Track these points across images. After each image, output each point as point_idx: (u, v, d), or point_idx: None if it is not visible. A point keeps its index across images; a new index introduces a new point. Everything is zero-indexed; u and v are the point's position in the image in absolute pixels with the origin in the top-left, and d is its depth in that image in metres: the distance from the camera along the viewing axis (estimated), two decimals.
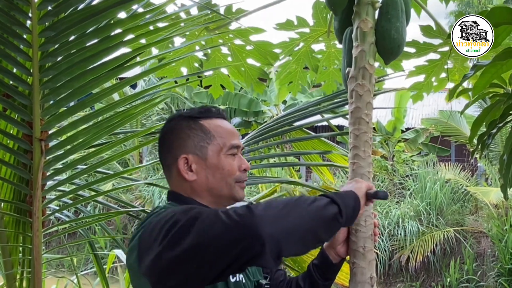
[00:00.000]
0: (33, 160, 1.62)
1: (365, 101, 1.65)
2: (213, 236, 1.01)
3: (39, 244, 1.66)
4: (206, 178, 1.27)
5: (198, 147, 1.28)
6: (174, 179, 1.30)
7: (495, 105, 1.91)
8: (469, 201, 10.62)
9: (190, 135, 1.29)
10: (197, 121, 1.31)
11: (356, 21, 1.69)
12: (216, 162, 1.28)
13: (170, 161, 1.30)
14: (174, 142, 1.30)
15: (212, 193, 1.29)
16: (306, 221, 1.09)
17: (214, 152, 1.28)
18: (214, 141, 1.29)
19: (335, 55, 2.48)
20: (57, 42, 1.57)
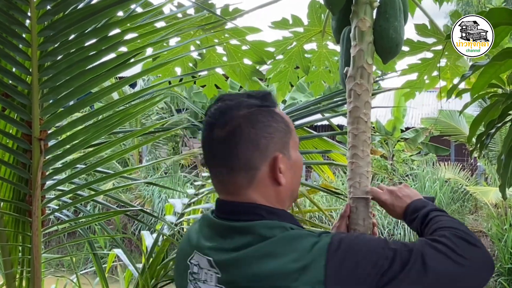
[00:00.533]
0: (33, 160, 1.62)
1: (363, 101, 1.65)
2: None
3: (38, 243, 1.66)
4: (291, 179, 1.09)
5: (283, 143, 1.07)
6: (258, 183, 1.05)
7: (494, 105, 1.92)
8: (468, 201, 10.63)
9: (277, 129, 1.06)
10: (275, 111, 1.09)
11: (354, 20, 1.69)
12: (296, 160, 1.11)
13: (256, 160, 1.04)
14: (262, 137, 1.04)
15: (292, 196, 1.12)
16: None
17: (293, 148, 1.10)
18: (292, 136, 1.11)
19: (326, 56, 2.48)
20: (56, 42, 1.57)
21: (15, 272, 1.79)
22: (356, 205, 1.58)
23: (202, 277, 1.07)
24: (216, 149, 1.07)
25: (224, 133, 1.05)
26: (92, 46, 1.58)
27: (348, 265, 0.95)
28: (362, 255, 0.97)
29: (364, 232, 1.57)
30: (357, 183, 1.62)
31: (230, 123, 1.05)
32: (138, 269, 2.10)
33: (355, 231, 1.56)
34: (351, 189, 1.62)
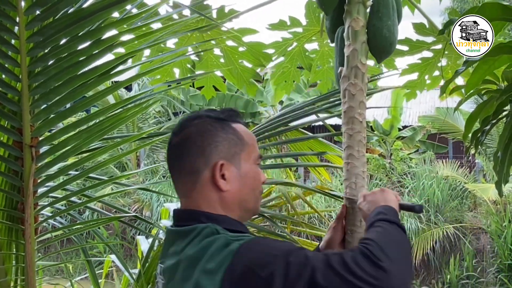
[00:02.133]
0: (24, 167, 1.60)
1: (358, 100, 1.64)
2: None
3: (32, 251, 1.64)
4: (239, 188, 1.14)
5: (232, 153, 1.14)
6: (201, 187, 1.12)
7: (489, 102, 1.91)
8: (467, 198, 10.64)
9: (226, 139, 1.14)
10: (229, 124, 1.17)
11: (347, 20, 1.68)
12: (248, 171, 1.16)
13: (199, 166, 1.12)
14: (208, 145, 1.12)
15: (241, 206, 1.15)
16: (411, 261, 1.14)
17: (245, 160, 1.16)
18: (246, 148, 1.16)
19: (329, 53, 2.48)
20: (45, 47, 1.56)
21: (9, 281, 1.77)
22: (353, 206, 1.56)
23: (159, 285, 1.16)
24: (171, 155, 1.18)
25: (178, 140, 1.17)
26: (83, 51, 1.57)
27: (242, 274, 0.97)
28: (257, 267, 0.97)
29: (361, 232, 1.55)
30: (353, 183, 1.61)
31: (184, 132, 1.16)
32: (135, 274, 2.08)
33: (353, 232, 1.54)
34: (347, 190, 1.61)
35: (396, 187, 11.42)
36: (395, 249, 1.05)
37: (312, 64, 2.52)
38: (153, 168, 11.82)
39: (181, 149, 1.15)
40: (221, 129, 1.15)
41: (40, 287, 2.15)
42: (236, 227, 1.11)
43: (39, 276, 2.21)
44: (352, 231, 1.55)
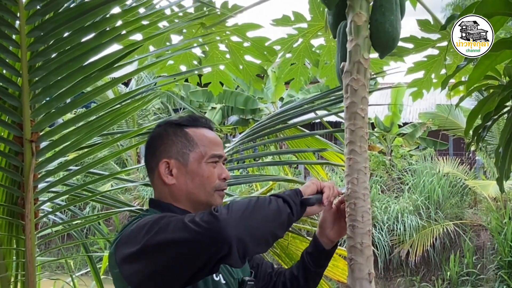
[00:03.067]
0: (24, 162, 1.60)
1: (360, 96, 1.63)
2: (184, 243, 1.11)
3: (32, 246, 1.64)
4: (185, 183, 1.33)
5: (181, 153, 1.34)
6: (155, 182, 1.37)
7: (490, 97, 1.90)
8: (467, 195, 10.64)
9: (174, 141, 1.35)
10: (183, 128, 1.37)
11: (350, 15, 1.67)
12: (196, 169, 1.34)
13: (153, 164, 1.36)
14: (159, 147, 1.36)
15: (190, 198, 1.34)
16: (266, 223, 1.20)
17: (195, 159, 1.34)
18: (196, 149, 1.35)
19: (335, 49, 2.45)
20: (46, 42, 1.55)
21: (9, 276, 1.77)
22: (355, 201, 1.56)
23: None
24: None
25: (146, 142, 1.43)
26: (84, 45, 1.56)
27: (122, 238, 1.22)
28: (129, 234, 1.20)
29: (363, 228, 1.54)
30: (355, 179, 1.60)
31: (149, 136, 1.43)
32: None
33: (354, 227, 1.54)
34: (349, 185, 1.60)
35: (397, 184, 11.42)
36: (244, 211, 1.16)
37: (319, 60, 2.51)
38: None
39: (145, 150, 1.41)
40: (172, 133, 1.36)
41: (40, 283, 2.15)
42: (175, 213, 1.27)
43: (39, 271, 2.21)
44: (354, 227, 1.54)
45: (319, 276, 1.59)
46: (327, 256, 1.57)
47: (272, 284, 1.55)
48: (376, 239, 9.59)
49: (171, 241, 1.11)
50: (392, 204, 10.35)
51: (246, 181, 2.47)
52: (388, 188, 11.38)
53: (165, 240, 1.12)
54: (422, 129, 13.04)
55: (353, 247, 1.54)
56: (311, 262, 1.53)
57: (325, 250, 1.54)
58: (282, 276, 1.55)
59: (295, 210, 1.28)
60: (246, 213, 1.15)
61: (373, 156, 11.87)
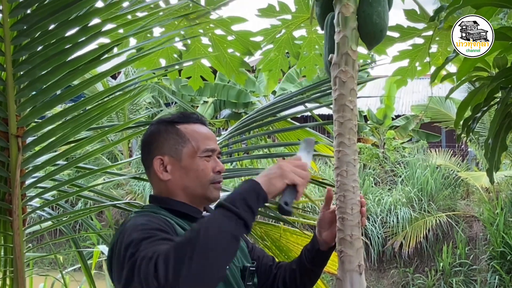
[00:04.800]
0: (10, 157, 1.58)
1: (348, 88, 1.63)
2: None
3: (20, 242, 1.62)
4: (180, 178, 1.35)
5: (173, 149, 1.36)
6: (152, 179, 1.40)
7: (480, 89, 1.90)
8: (460, 186, 10.69)
9: (166, 138, 1.37)
10: (174, 125, 1.39)
11: (337, 6, 1.66)
12: (190, 163, 1.36)
13: (148, 162, 1.38)
14: (152, 144, 1.39)
15: (186, 192, 1.36)
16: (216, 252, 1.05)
17: (188, 154, 1.36)
18: (188, 144, 1.37)
19: (316, 40, 2.45)
20: (30, 35, 1.53)
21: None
22: (344, 194, 1.55)
23: None
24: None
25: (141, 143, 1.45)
26: (68, 39, 1.54)
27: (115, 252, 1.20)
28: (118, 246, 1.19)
29: (353, 220, 1.54)
30: (344, 171, 1.59)
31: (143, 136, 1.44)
32: None
33: (344, 220, 1.54)
34: (338, 178, 1.60)
35: (390, 176, 11.46)
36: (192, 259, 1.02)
37: (300, 51, 2.50)
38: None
39: (141, 150, 1.44)
40: (164, 131, 1.39)
41: (30, 279, 2.14)
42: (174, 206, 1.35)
43: (30, 267, 2.20)
44: (343, 219, 1.54)
45: (315, 275, 1.56)
46: (322, 257, 1.54)
47: (273, 276, 1.54)
48: (369, 231, 9.63)
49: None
50: (385, 196, 10.39)
51: (237, 175, 2.45)
52: (381, 180, 11.42)
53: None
54: (415, 122, 13.08)
55: (343, 239, 1.54)
56: (307, 258, 1.53)
57: (320, 250, 1.52)
58: (283, 269, 1.55)
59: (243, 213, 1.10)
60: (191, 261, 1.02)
61: (366, 148, 11.90)
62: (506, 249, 8.68)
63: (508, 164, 10.51)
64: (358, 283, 1.55)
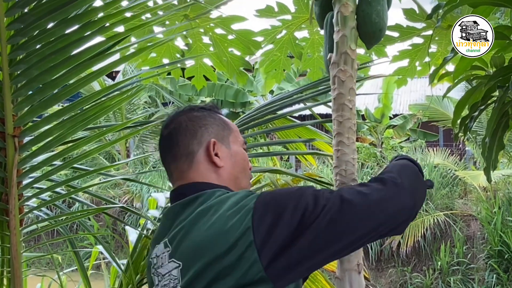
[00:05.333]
0: (7, 157, 1.57)
1: (347, 87, 1.62)
2: (377, 204, 1.08)
3: (17, 242, 1.61)
4: (232, 166, 1.23)
5: (222, 135, 1.25)
6: (197, 167, 1.19)
7: (477, 88, 1.90)
8: (458, 185, 10.71)
9: (214, 122, 1.25)
10: (214, 112, 1.29)
11: (336, 5, 1.66)
12: (238, 151, 1.26)
13: (194, 147, 1.20)
14: (199, 128, 1.22)
15: (236, 183, 1.23)
16: (424, 189, 1.25)
17: (233, 142, 1.27)
18: (233, 133, 1.28)
19: (319, 41, 2.45)
20: (27, 34, 1.51)
21: None
22: None
23: (159, 263, 1.14)
24: (164, 144, 1.26)
25: (169, 130, 1.25)
26: (66, 38, 1.53)
27: (270, 213, 1.03)
28: (283, 204, 1.05)
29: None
30: (343, 170, 1.59)
31: (173, 122, 1.25)
32: (123, 265, 2.06)
33: None
34: (337, 177, 1.59)
35: None
36: (409, 174, 1.21)
37: (302, 52, 2.49)
38: (143, 159, 11.76)
39: (174, 136, 1.23)
40: (208, 115, 1.26)
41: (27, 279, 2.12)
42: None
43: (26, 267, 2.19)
44: None
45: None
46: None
47: None
48: None
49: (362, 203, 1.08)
50: None
51: None
52: None
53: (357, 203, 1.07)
54: (413, 121, 13.10)
55: None
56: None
57: None
58: None
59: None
60: (417, 182, 1.21)
61: (364, 148, 11.92)
62: (503, 247, 8.70)
63: (505, 163, 10.53)
64: (357, 282, 1.55)
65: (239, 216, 1.02)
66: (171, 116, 1.29)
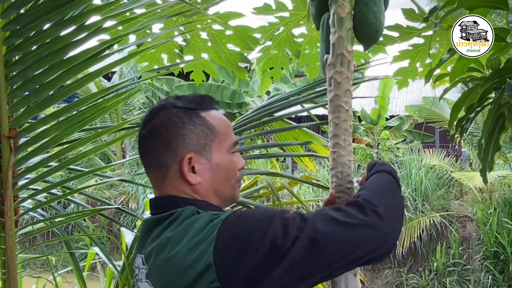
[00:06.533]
0: (2, 158, 1.56)
1: (344, 89, 1.62)
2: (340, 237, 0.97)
3: (12, 244, 1.61)
4: (211, 180, 1.13)
5: (202, 145, 1.11)
6: (171, 181, 1.12)
7: (474, 89, 1.91)
8: (454, 186, 10.74)
9: (194, 131, 1.11)
10: (198, 113, 1.13)
11: (333, 6, 1.65)
12: (221, 161, 1.14)
13: (167, 160, 1.11)
14: (174, 138, 1.10)
15: (217, 195, 1.15)
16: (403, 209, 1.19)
17: (218, 150, 1.14)
18: (218, 138, 1.14)
19: (317, 38, 2.44)
20: (23, 35, 1.51)
21: None
22: (339, 196, 1.55)
23: (139, 276, 1.11)
24: (140, 147, 1.17)
25: (145, 132, 1.15)
26: (62, 39, 1.52)
27: (233, 246, 0.96)
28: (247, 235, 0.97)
29: None
30: (339, 172, 1.59)
31: (150, 123, 1.14)
32: (119, 266, 2.05)
33: None
34: (334, 179, 1.59)
35: None
36: (390, 198, 1.11)
37: (300, 50, 2.49)
38: (138, 159, 11.69)
39: (149, 142, 1.14)
40: (188, 120, 1.12)
41: (22, 281, 2.12)
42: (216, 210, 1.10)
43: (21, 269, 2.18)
44: None
45: None
46: None
47: None
48: None
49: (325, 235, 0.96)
50: None
51: None
52: None
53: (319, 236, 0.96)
54: (409, 122, 13.13)
55: None
56: None
57: None
58: None
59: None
60: (399, 209, 1.11)
61: (361, 149, 11.93)
62: (499, 249, 8.72)
63: (501, 164, 10.56)
64: (352, 284, 1.55)
65: (200, 249, 0.97)
66: (151, 111, 1.17)
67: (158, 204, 1.14)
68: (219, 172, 1.14)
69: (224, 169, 1.14)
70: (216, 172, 1.13)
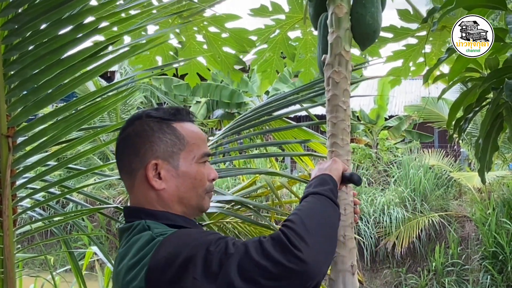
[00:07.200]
0: (1, 158, 1.56)
1: (342, 88, 1.63)
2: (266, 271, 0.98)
3: (10, 243, 1.61)
4: (176, 187, 1.17)
5: (170, 153, 1.16)
6: (138, 186, 1.17)
7: (472, 90, 1.91)
8: (452, 186, 10.74)
9: (162, 139, 1.16)
10: (169, 124, 1.19)
11: (330, 6, 1.66)
12: (188, 170, 1.18)
13: (135, 165, 1.17)
14: (143, 145, 1.16)
15: (182, 203, 1.18)
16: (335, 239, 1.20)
17: (186, 159, 1.18)
18: (187, 148, 1.19)
19: (312, 42, 2.45)
20: (21, 35, 1.51)
21: None
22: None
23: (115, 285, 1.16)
24: (116, 152, 1.23)
25: (120, 139, 1.22)
26: (60, 38, 1.53)
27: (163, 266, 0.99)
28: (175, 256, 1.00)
29: (346, 221, 1.55)
30: None
31: (125, 131, 1.21)
32: None
33: None
34: None
35: (383, 177, 11.49)
36: (318, 231, 1.08)
37: (295, 53, 2.49)
38: None
39: (122, 148, 1.21)
40: (158, 129, 1.17)
41: (20, 280, 2.12)
42: (176, 221, 1.15)
43: (20, 268, 2.18)
44: None
45: None
46: None
47: None
48: (363, 232, 9.65)
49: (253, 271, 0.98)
50: (378, 196, 10.42)
51: (229, 175, 2.45)
52: (374, 180, 11.45)
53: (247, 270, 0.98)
54: (408, 122, 13.14)
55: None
56: None
57: None
58: None
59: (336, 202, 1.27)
60: (323, 237, 1.08)
61: (360, 149, 11.93)
62: (498, 249, 8.73)
63: (500, 164, 10.57)
64: (350, 283, 1.56)
65: (135, 271, 1.02)
66: (128, 120, 1.23)
67: (125, 213, 1.21)
68: (186, 180, 1.18)
69: (191, 178, 1.18)
70: (182, 180, 1.17)
